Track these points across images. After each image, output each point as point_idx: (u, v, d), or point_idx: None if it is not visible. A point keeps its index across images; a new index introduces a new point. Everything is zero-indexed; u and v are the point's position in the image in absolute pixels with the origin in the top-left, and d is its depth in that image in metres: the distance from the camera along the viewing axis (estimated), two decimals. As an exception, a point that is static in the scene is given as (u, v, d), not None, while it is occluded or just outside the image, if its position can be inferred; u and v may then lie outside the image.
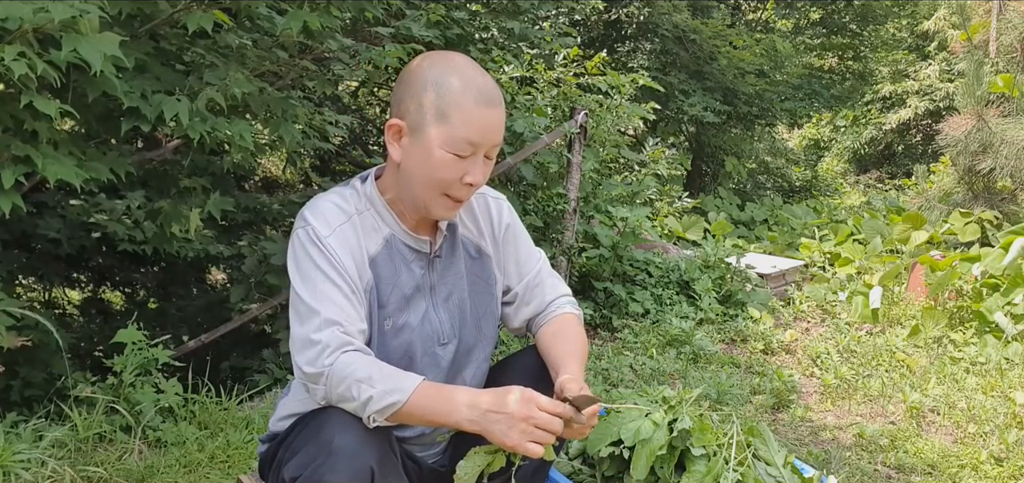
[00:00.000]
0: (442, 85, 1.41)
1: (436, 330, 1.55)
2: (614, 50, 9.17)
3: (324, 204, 1.48)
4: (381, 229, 1.51)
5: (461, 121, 1.39)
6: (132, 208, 3.33)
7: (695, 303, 4.88)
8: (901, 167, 13.75)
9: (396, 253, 1.52)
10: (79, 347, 3.90)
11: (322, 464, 1.30)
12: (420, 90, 1.42)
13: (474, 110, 1.40)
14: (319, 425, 1.37)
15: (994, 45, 6.26)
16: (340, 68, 3.55)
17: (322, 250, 1.42)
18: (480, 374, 1.66)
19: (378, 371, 1.35)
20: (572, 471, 1.92)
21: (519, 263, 1.69)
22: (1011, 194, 6.30)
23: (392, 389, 1.33)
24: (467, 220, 1.64)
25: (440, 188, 1.44)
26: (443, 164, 1.41)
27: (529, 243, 1.73)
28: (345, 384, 1.33)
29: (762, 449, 1.81)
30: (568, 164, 4.66)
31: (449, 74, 1.42)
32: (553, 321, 1.66)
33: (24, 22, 1.95)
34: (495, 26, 4.85)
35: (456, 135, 1.40)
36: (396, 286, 1.51)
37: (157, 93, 2.51)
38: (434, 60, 1.45)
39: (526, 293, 1.69)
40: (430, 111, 1.40)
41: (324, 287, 1.40)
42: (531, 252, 1.72)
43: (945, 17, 11.92)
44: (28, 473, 2.15)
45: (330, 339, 1.36)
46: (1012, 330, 4.16)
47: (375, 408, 1.32)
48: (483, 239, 1.65)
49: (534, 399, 1.33)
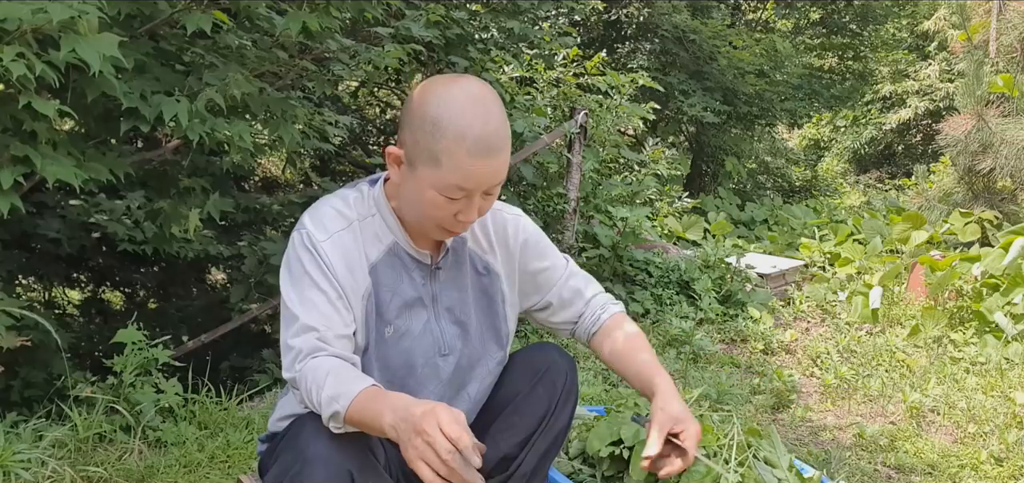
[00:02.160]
0: (438, 128, 1.32)
1: (437, 341, 1.54)
2: (614, 50, 9.17)
3: (324, 209, 1.47)
4: (385, 236, 1.49)
5: (451, 169, 1.33)
6: (132, 208, 3.33)
7: (695, 303, 4.88)
8: (901, 167, 13.74)
9: (398, 260, 1.50)
10: (79, 347, 3.90)
11: (300, 471, 1.30)
12: (417, 125, 1.35)
13: (466, 161, 1.32)
14: (297, 431, 1.38)
15: (994, 45, 6.26)
16: (340, 68, 3.55)
17: (314, 256, 1.40)
18: (485, 387, 1.64)
19: (334, 377, 1.31)
20: (572, 471, 1.91)
21: (545, 272, 1.68)
22: (1011, 194, 6.30)
23: (337, 395, 1.28)
24: (479, 235, 1.61)
25: (433, 221, 1.41)
26: (434, 204, 1.37)
27: (554, 251, 1.71)
28: (307, 389, 1.33)
29: (769, 452, 1.81)
30: (568, 164, 4.65)
31: (448, 117, 1.32)
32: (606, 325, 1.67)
33: (23, 23, 1.94)
34: (495, 26, 4.86)
35: (447, 182, 1.34)
36: (396, 293, 1.49)
37: (156, 93, 2.51)
38: (438, 96, 1.35)
39: (560, 301, 1.69)
40: (424, 151, 1.34)
41: (309, 293, 1.38)
42: (557, 260, 1.71)
43: (945, 17, 11.92)
44: (28, 473, 2.15)
45: (303, 345, 1.35)
46: (1012, 330, 4.16)
47: (327, 413, 1.30)
48: (494, 257, 1.62)
49: (441, 417, 1.18)
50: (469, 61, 4.28)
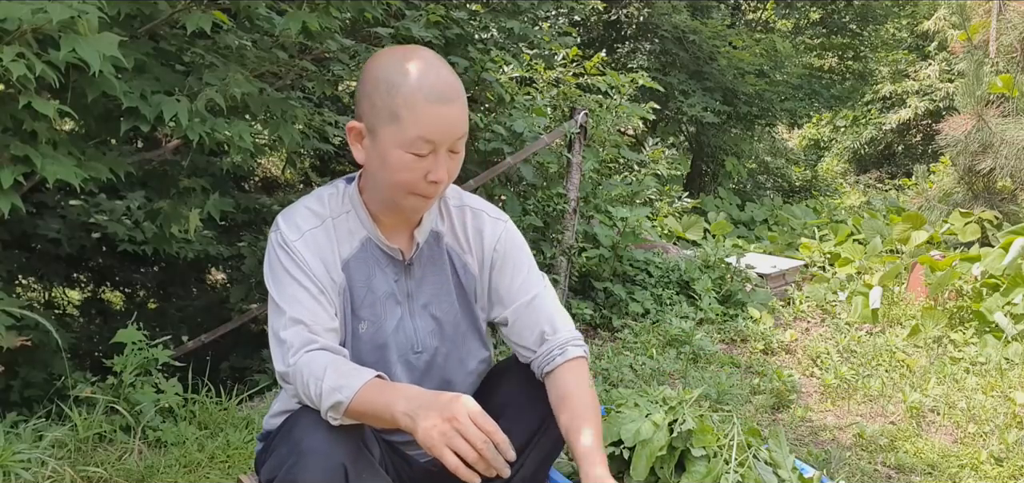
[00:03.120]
0: (393, 83, 1.34)
1: (410, 338, 1.54)
2: (614, 50, 9.17)
3: (297, 209, 1.49)
4: (358, 232, 1.50)
5: (412, 120, 1.33)
6: (132, 208, 3.33)
7: (695, 303, 4.88)
8: (901, 167, 13.74)
9: (371, 256, 1.51)
10: (79, 347, 3.90)
11: (294, 464, 1.30)
12: (371, 90, 1.37)
13: (426, 107, 1.33)
14: (291, 425, 1.38)
15: (994, 45, 6.26)
16: (339, 68, 3.55)
17: (289, 254, 1.43)
18: (467, 387, 1.62)
19: (334, 369, 1.33)
20: (572, 471, 1.92)
21: (510, 290, 1.58)
22: (1011, 194, 6.30)
23: (339, 386, 1.30)
24: (458, 233, 1.59)
25: (404, 188, 1.39)
26: (402, 165, 1.36)
27: (528, 269, 1.61)
28: (304, 381, 1.34)
29: (776, 451, 1.81)
30: (568, 164, 4.65)
31: (400, 71, 1.35)
32: (560, 374, 1.52)
33: (23, 23, 1.94)
34: (495, 26, 4.85)
35: (409, 135, 1.34)
36: (370, 289, 1.50)
37: (156, 93, 2.50)
38: (388, 57, 1.39)
39: (516, 321, 1.57)
40: (383, 111, 1.35)
41: (292, 289, 1.41)
42: (529, 280, 1.60)
43: (945, 17, 11.91)
44: (28, 473, 2.15)
45: (294, 338, 1.37)
46: (1012, 330, 4.16)
47: (326, 405, 1.31)
48: (471, 256, 1.60)
49: (470, 408, 1.24)
50: (469, 61, 4.27)
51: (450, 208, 1.60)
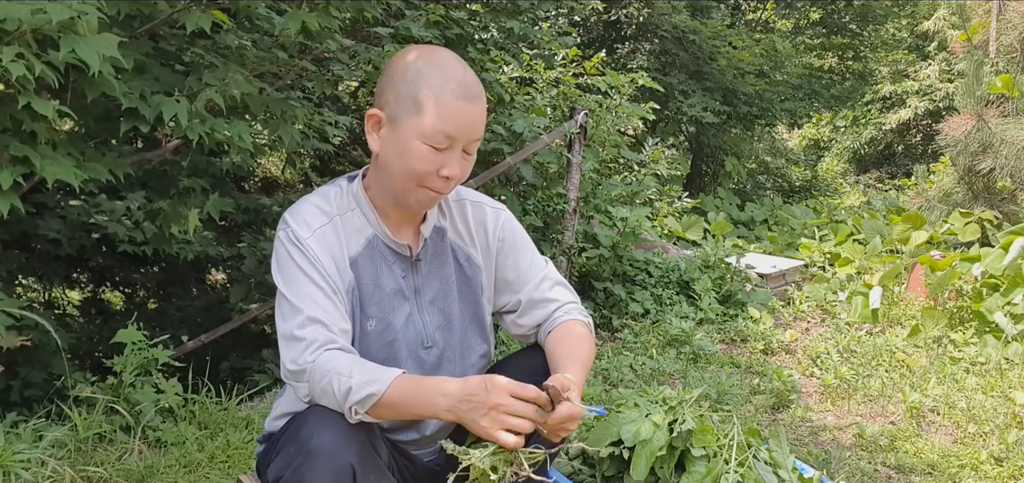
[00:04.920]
0: (421, 76, 1.40)
1: (420, 333, 1.55)
2: (614, 50, 9.17)
3: (305, 207, 1.49)
4: (364, 229, 1.51)
5: (437, 114, 1.39)
6: (132, 209, 3.33)
7: (695, 303, 4.88)
8: (901, 167, 13.74)
9: (378, 254, 1.51)
10: (79, 347, 3.90)
11: (302, 464, 1.31)
12: (399, 81, 1.42)
13: (451, 103, 1.39)
14: (298, 426, 1.38)
15: (994, 45, 6.26)
16: (339, 68, 3.55)
17: (302, 251, 1.43)
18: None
19: (359, 365, 1.36)
20: (572, 471, 1.92)
21: (519, 272, 1.65)
22: (1011, 194, 6.30)
23: (370, 380, 1.33)
24: (460, 226, 1.62)
25: (416, 180, 1.43)
26: (419, 156, 1.40)
27: (532, 253, 1.69)
28: (326, 378, 1.34)
29: (777, 451, 1.81)
30: (568, 164, 4.65)
31: (429, 66, 1.41)
32: (559, 327, 1.62)
33: (22, 23, 1.94)
34: (495, 26, 4.85)
35: (432, 127, 1.39)
36: (378, 286, 1.51)
37: (156, 94, 2.51)
38: (417, 52, 1.46)
39: (529, 302, 1.65)
40: (408, 101, 1.40)
41: (306, 287, 1.41)
42: (534, 261, 1.68)
43: (945, 17, 11.92)
44: (28, 473, 2.15)
45: (313, 336, 1.37)
46: (1012, 330, 4.15)
47: (355, 399, 1.32)
48: (474, 248, 1.63)
49: (505, 387, 1.30)
50: (469, 61, 4.28)
51: (450, 203, 1.63)
